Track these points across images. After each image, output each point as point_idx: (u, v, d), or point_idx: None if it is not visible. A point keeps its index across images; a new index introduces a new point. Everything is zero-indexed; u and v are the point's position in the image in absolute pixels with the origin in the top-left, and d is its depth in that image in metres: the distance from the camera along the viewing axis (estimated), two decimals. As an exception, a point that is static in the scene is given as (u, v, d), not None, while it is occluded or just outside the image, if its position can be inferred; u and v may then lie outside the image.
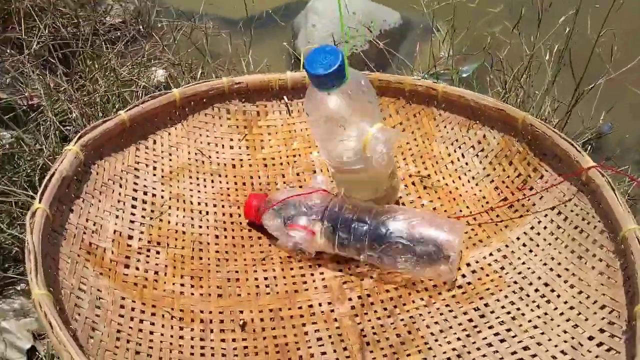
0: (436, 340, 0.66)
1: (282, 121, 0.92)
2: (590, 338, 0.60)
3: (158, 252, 0.73)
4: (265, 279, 0.74)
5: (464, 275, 0.73)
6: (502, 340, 0.64)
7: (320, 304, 0.71)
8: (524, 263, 0.71)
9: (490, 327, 0.65)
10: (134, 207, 0.76)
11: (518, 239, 0.74)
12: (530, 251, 0.72)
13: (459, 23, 1.02)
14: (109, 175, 0.76)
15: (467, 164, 0.84)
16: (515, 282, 0.69)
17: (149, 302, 0.66)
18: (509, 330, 0.64)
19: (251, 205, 0.79)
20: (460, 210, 0.81)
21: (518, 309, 0.66)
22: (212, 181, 0.85)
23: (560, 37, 0.87)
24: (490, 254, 0.74)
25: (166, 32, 1.19)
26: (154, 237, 0.74)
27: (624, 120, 1.00)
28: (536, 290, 0.67)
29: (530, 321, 0.65)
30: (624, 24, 0.92)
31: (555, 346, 0.61)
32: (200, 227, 0.78)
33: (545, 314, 0.64)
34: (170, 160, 0.83)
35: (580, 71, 0.89)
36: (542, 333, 0.63)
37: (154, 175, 0.81)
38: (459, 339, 0.65)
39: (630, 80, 0.94)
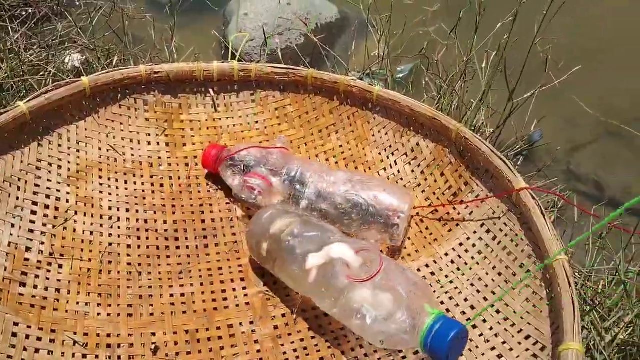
0: (360, 366, 0.63)
1: (206, 116, 0.85)
2: None
3: (61, 266, 0.65)
4: (182, 295, 0.69)
5: None
6: None
7: (241, 324, 0.67)
8: (451, 282, 0.70)
9: (415, 353, 0.64)
10: (33, 213, 0.68)
11: (446, 254, 0.73)
12: (458, 269, 0.71)
13: (395, 20, 0.98)
14: (5, 176, 0.67)
15: (399, 171, 0.82)
16: (442, 303, 0.68)
17: (48, 327, 0.59)
18: None
19: (210, 155, 0.78)
20: None
21: None
22: (126, 182, 0.77)
23: (499, 44, 0.85)
24: (418, 270, 0.72)
25: (83, 13, 1.07)
26: (57, 249, 0.66)
27: (554, 131, 1.00)
28: (463, 312, 0.66)
29: None
30: (568, 33, 0.91)
31: None
32: (111, 235, 0.71)
33: (471, 340, 0.63)
34: (77, 158, 0.75)
35: (518, 79, 0.88)
36: None
37: (59, 175, 0.73)
38: None
39: (569, 90, 0.94)
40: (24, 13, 1.03)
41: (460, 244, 0.73)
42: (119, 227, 0.72)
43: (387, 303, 0.57)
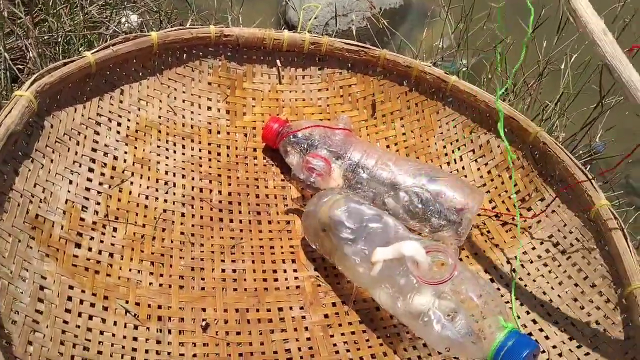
0: (412, 367, 0.61)
1: (269, 86, 0.82)
2: None
3: (115, 230, 0.63)
4: (234, 271, 0.67)
5: None
6: None
7: (291, 308, 0.65)
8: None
9: None
10: (91, 170, 0.65)
11: (508, 262, 0.70)
12: (520, 279, 0.68)
13: (459, 13, 0.93)
14: (65, 129, 0.65)
15: (464, 168, 0.78)
16: (500, 313, 0.65)
17: (101, 293, 0.58)
18: None
19: (271, 128, 0.75)
20: None
21: None
22: (183, 147, 0.74)
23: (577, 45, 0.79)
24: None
25: None
26: (112, 210, 0.64)
27: (616, 142, 0.95)
28: (523, 326, 0.63)
29: None
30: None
31: None
32: (166, 201, 0.69)
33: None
34: (137, 116, 0.72)
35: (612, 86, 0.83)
36: None
37: (118, 133, 0.70)
38: None
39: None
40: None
41: (524, 253, 0.69)
42: (174, 194, 0.70)
43: (457, 309, 0.55)
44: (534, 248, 0.69)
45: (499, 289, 0.67)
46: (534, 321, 0.63)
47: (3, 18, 0.80)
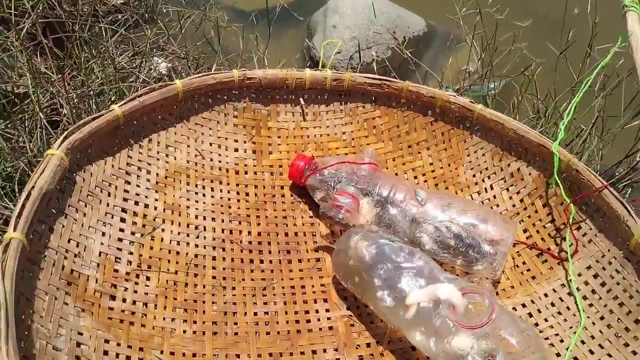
0: (450, 410, 0.60)
1: (294, 124, 0.82)
2: None
3: (148, 279, 0.64)
4: (266, 313, 0.67)
5: None
6: None
7: (325, 350, 0.65)
8: (551, 327, 0.65)
9: None
10: (122, 220, 0.67)
11: (546, 295, 0.68)
12: (560, 314, 0.66)
13: (484, 35, 0.91)
14: (97, 181, 0.66)
15: (495, 197, 0.77)
16: (540, 352, 0.63)
17: (136, 344, 0.58)
18: None
19: (297, 166, 0.76)
20: None
21: None
22: (212, 189, 0.75)
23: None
24: (514, 309, 0.68)
25: (172, 20, 1.04)
26: (144, 259, 0.65)
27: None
28: None
29: None
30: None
31: None
32: (197, 245, 0.70)
33: None
34: (166, 162, 0.74)
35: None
36: None
37: (148, 181, 0.71)
38: None
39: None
40: (113, 19, 1.02)
41: (562, 285, 0.67)
42: (204, 238, 0.71)
43: (497, 350, 0.54)
44: (572, 280, 0.67)
45: (537, 324, 0.66)
46: (575, 358, 0.61)
47: (40, 76, 0.83)
